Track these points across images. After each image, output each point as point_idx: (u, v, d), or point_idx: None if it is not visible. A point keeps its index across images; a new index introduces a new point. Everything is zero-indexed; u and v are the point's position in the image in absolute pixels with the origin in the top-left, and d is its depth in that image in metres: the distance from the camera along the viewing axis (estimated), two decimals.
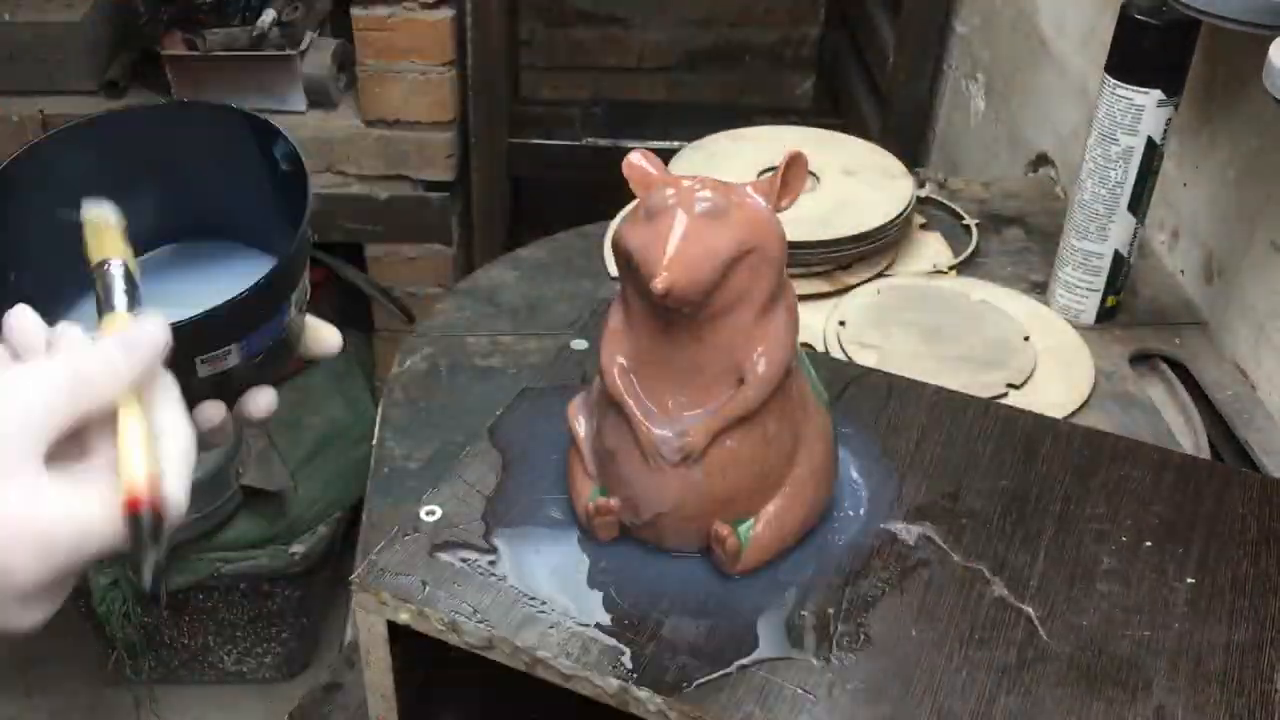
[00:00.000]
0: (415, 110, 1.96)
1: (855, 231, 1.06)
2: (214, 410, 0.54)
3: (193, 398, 0.53)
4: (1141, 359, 1.03)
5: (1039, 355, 0.98)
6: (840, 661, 0.58)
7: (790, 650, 0.58)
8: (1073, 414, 0.93)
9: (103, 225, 0.52)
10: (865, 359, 0.96)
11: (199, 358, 0.52)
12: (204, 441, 0.54)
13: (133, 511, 0.45)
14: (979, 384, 0.94)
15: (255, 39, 1.89)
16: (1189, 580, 0.63)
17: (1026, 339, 1.00)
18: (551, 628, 0.59)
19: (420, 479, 0.88)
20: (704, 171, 0.73)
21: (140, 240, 0.55)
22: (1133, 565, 0.64)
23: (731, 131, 1.23)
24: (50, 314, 0.51)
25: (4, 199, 0.51)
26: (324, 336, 0.60)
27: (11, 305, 0.49)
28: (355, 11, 1.91)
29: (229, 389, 0.55)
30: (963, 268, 1.12)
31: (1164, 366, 1.03)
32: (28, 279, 0.53)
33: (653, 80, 2.56)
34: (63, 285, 0.56)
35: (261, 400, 0.57)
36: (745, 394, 0.59)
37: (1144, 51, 0.94)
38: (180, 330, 0.50)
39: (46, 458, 0.45)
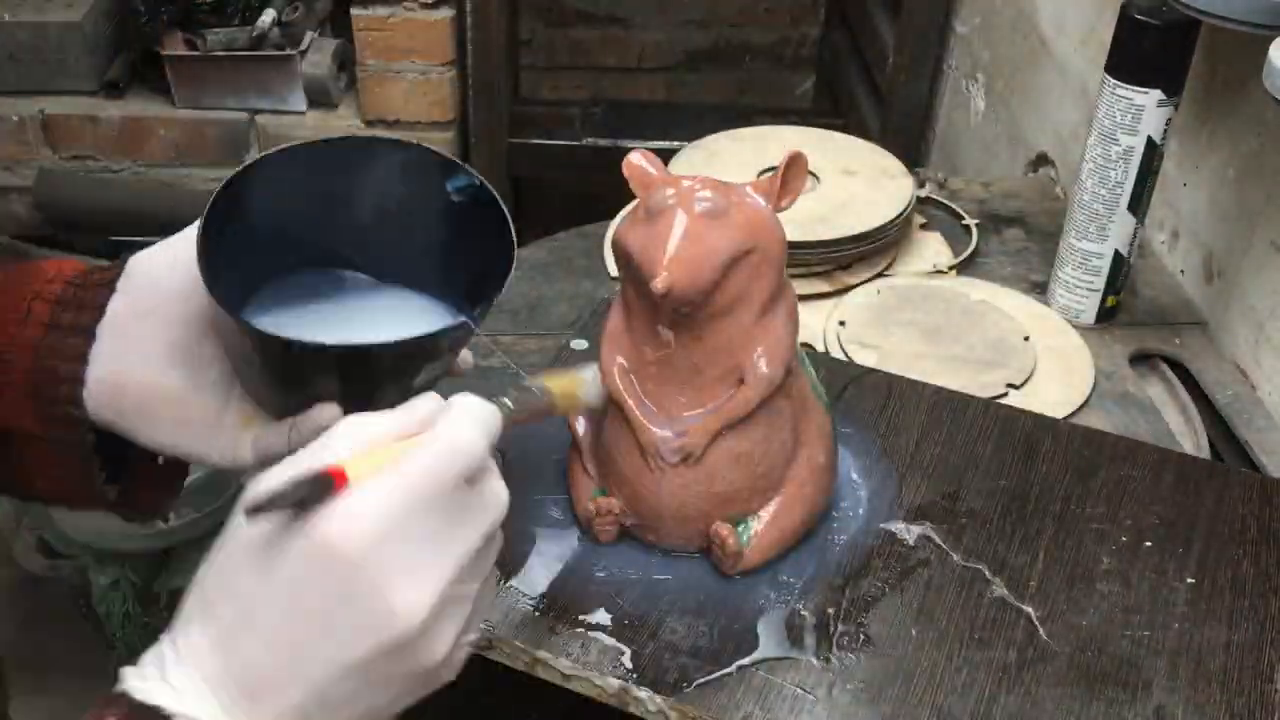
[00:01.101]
0: (415, 110, 1.97)
1: (855, 231, 1.06)
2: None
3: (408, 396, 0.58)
4: (1141, 359, 1.03)
5: (1039, 355, 0.98)
6: (840, 661, 0.58)
7: (790, 650, 0.58)
8: (1073, 414, 0.93)
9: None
10: (865, 359, 0.95)
11: (407, 377, 0.59)
12: None
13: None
14: (979, 384, 0.94)
15: (255, 39, 1.89)
16: (1189, 580, 0.63)
17: (1026, 339, 1.00)
18: (552, 628, 0.58)
19: None
20: (704, 171, 0.73)
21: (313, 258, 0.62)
22: (1133, 565, 0.64)
23: (731, 131, 1.23)
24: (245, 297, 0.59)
25: (231, 206, 0.56)
26: (464, 357, 0.65)
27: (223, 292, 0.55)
28: (355, 11, 1.91)
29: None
30: (963, 268, 1.12)
31: (1164, 366, 1.03)
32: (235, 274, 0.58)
33: (653, 80, 2.56)
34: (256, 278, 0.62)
35: None
36: (745, 394, 0.59)
37: (1144, 51, 0.94)
38: (416, 342, 0.56)
39: None
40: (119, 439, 0.60)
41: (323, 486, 0.45)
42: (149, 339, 0.58)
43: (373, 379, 0.58)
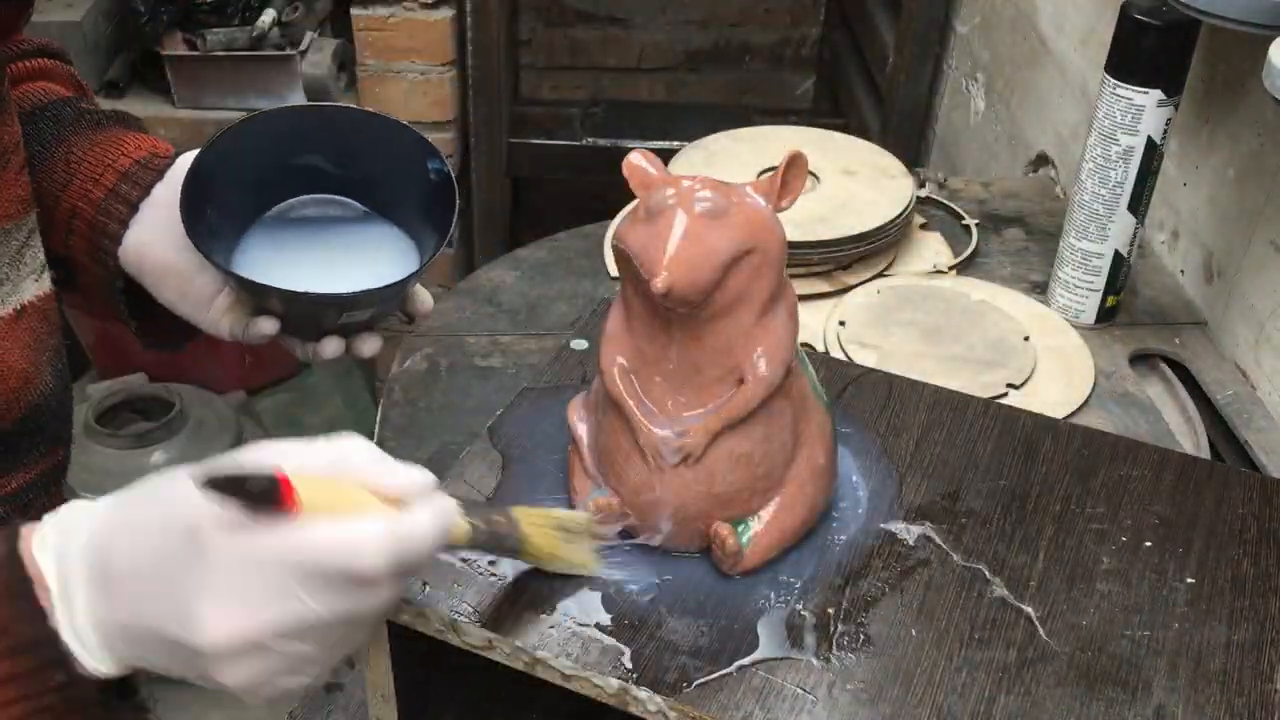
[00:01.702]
0: (415, 110, 1.96)
1: (855, 231, 1.06)
2: (336, 345, 0.74)
3: (323, 333, 0.73)
4: (1141, 359, 1.03)
5: (1039, 355, 0.98)
6: (840, 661, 0.58)
7: (790, 650, 0.58)
8: (1073, 414, 0.93)
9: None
10: (865, 359, 0.96)
11: (346, 313, 0.72)
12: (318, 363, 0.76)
13: None
14: (979, 384, 0.94)
15: (255, 39, 1.89)
16: (1189, 580, 0.63)
17: (1026, 339, 1.00)
18: (551, 628, 0.58)
19: None
20: (704, 171, 0.73)
21: (297, 189, 0.76)
22: (1133, 565, 0.64)
23: (731, 131, 1.23)
24: (231, 237, 0.74)
25: (219, 157, 0.70)
26: (421, 299, 0.77)
27: (209, 234, 0.70)
28: (355, 11, 1.91)
29: (349, 330, 0.74)
30: (963, 268, 1.12)
31: (1164, 366, 1.03)
32: (218, 212, 0.72)
33: (653, 80, 2.56)
34: (239, 219, 0.76)
35: (371, 344, 0.76)
36: (745, 394, 0.59)
37: (1144, 51, 0.94)
38: (341, 298, 0.69)
39: None
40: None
41: (269, 489, 0.47)
42: (171, 224, 0.69)
43: (308, 312, 0.73)
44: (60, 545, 0.52)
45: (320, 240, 0.76)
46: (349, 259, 0.75)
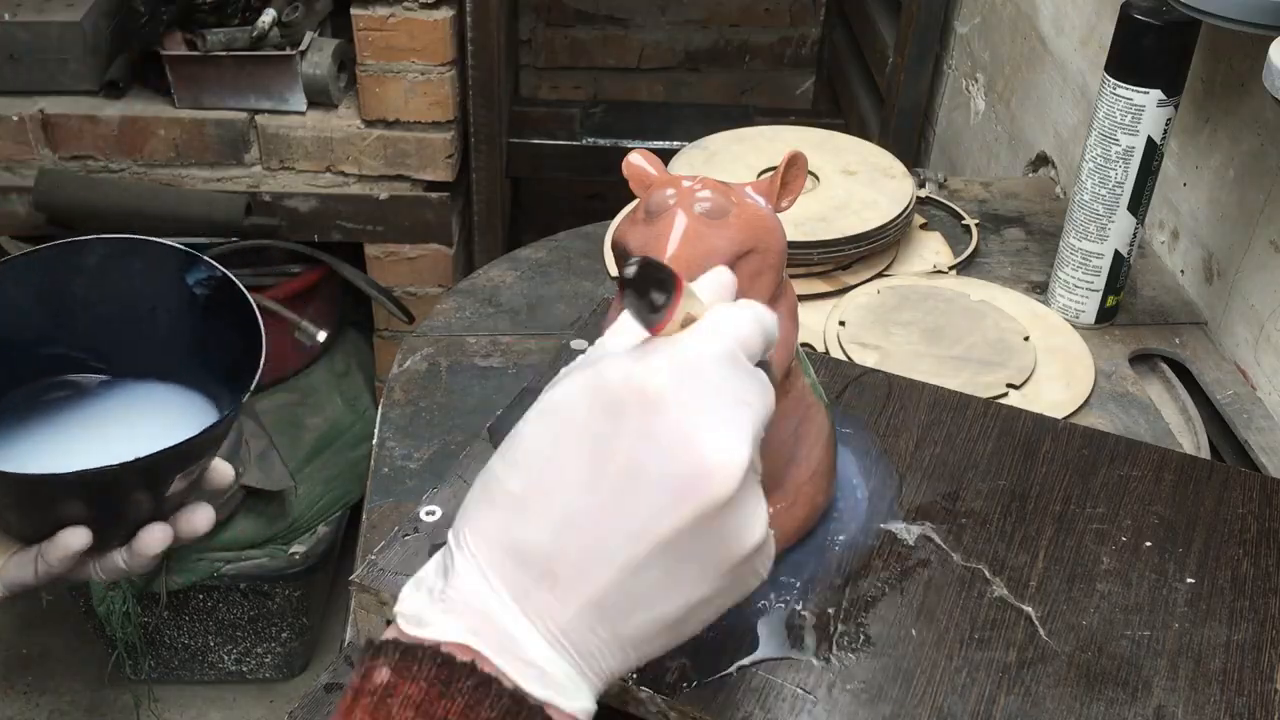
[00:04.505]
0: (415, 110, 1.96)
1: (855, 231, 1.06)
2: (163, 533, 0.60)
3: (154, 517, 0.58)
4: (1141, 359, 1.03)
5: (1039, 355, 0.98)
6: (840, 661, 0.58)
7: (790, 650, 0.58)
8: (1073, 414, 0.93)
9: None
10: (865, 359, 0.95)
11: (179, 474, 0.57)
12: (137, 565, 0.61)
13: None
14: (979, 384, 0.94)
15: (255, 39, 1.89)
16: (1189, 580, 0.63)
17: (1026, 339, 1.00)
18: None
19: (420, 479, 0.88)
20: (704, 171, 0.73)
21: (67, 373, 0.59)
22: (1133, 565, 0.64)
23: (731, 131, 1.23)
24: None
25: None
26: (220, 471, 0.64)
27: None
28: (355, 11, 1.91)
29: (168, 509, 0.59)
30: (963, 268, 1.12)
31: (1164, 366, 1.03)
32: None
33: (653, 80, 2.56)
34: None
35: (203, 515, 0.62)
36: None
37: (1144, 51, 0.94)
38: (171, 451, 0.53)
39: None
40: None
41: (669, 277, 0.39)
42: None
43: (121, 495, 0.56)
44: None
45: (66, 427, 0.59)
46: (118, 431, 0.59)
